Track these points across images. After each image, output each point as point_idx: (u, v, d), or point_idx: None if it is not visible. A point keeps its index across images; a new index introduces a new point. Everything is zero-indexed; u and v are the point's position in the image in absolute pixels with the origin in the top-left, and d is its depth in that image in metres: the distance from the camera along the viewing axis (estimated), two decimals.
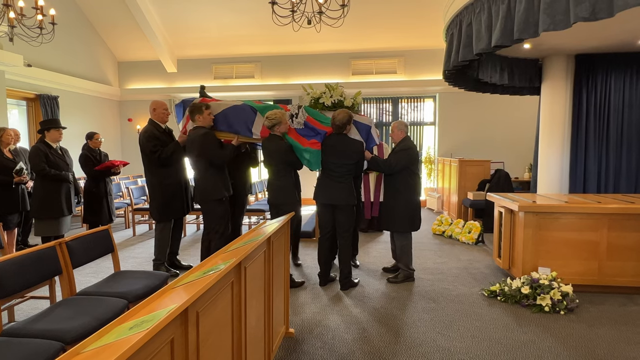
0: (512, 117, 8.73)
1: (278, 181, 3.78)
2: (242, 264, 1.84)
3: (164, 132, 4.17)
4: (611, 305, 3.39)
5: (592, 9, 2.71)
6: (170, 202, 4.13)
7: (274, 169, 3.78)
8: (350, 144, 3.71)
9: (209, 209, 3.84)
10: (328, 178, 3.75)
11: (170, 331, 1.18)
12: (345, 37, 8.36)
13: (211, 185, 3.78)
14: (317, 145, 3.70)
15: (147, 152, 4.01)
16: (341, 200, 3.72)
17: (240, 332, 1.83)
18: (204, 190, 3.80)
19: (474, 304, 3.46)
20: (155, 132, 4.07)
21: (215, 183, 3.79)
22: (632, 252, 3.57)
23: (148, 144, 4.00)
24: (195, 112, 3.77)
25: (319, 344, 2.77)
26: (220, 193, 3.81)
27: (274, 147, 3.71)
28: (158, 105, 4.18)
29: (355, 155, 3.69)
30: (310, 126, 3.83)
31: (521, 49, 5.03)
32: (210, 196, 3.79)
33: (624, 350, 2.66)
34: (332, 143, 3.70)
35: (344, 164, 3.68)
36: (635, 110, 5.38)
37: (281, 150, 3.70)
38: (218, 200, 3.81)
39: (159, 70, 9.62)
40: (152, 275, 2.92)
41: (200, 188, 3.81)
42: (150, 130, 4.07)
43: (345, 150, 3.68)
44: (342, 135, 3.73)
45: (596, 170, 5.51)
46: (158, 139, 4.04)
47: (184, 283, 1.55)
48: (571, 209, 3.63)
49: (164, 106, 4.20)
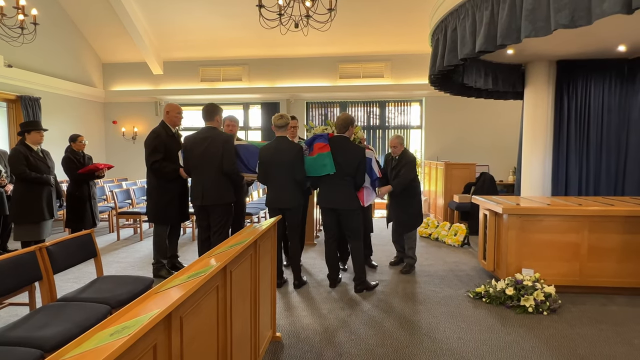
0: (497, 121, 8.89)
1: (288, 184, 3.76)
2: (227, 267, 1.82)
3: (172, 135, 4.10)
4: (592, 305, 3.47)
5: (571, 17, 2.79)
6: (168, 206, 4.03)
7: (277, 172, 3.74)
8: (351, 145, 3.79)
9: (221, 211, 3.79)
10: (330, 181, 3.77)
11: (153, 337, 1.16)
12: (333, 41, 8.40)
13: (224, 188, 3.77)
14: (326, 147, 3.74)
15: (147, 153, 3.95)
16: (344, 205, 3.75)
17: (225, 337, 1.82)
18: (218, 192, 3.74)
19: (459, 305, 3.49)
20: (163, 134, 4.01)
21: (227, 186, 3.79)
22: (612, 253, 3.66)
23: (150, 146, 3.94)
24: (215, 112, 3.81)
25: (306, 347, 2.76)
26: (232, 197, 3.83)
27: (285, 147, 3.74)
28: (172, 108, 4.11)
29: (355, 159, 3.72)
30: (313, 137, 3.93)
31: (505, 55, 5.13)
32: (224, 199, 3.77)
33: (603, 349, 2.72)
34: (334, 144, 3.76)
35: (345, 164, 3.70)
36: (614, 115, 5.54)
37: (293, 151, 3.71)
38: (229, 204, 3.82)
39: (144, 72, 9.51)
40: (136, 280, 2.87)
41: (213, 190, 3.74)
42: (157, 132, 4.00)
43: (347, 151, 3.73)
44: (344, 137, 3.81)
45: (577, 173, 5.65)
46: (164, 143, 3.97)
47: (168, 287, 1.53)
48: (553, 211, 3.70)
49: (178, 109, 4.14)
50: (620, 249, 3.64)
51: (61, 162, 4.85)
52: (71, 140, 4.94)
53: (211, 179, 3.74)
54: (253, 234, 2.26)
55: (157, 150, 3.94)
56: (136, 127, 9.94)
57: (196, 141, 3.80)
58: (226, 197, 3.80)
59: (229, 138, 3.82)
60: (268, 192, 3.91)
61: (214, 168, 3.73)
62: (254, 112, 10.12)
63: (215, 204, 3.76)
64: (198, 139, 3.79)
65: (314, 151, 3.78)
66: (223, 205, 3.80)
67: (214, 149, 3.71)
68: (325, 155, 3.70)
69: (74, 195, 4.79)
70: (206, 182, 3.75)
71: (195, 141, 3.80)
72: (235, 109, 10.23)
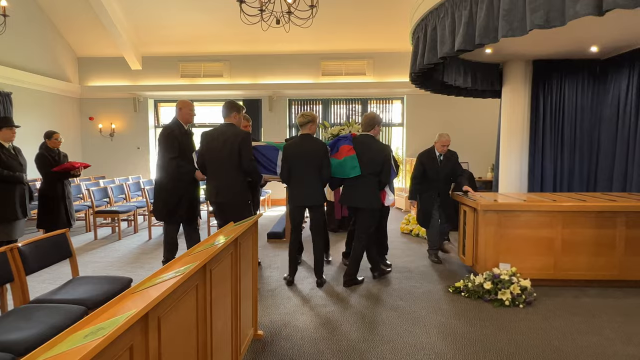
0: (476, 119, 9.06)
1: (312, 181, 3.76)
2: (207, 266, 1.80)
3: (185, 132, 3.99)
4: (565, 298, 3.59)
5: (546, 17, 2.86)
6: (178, 204, 3.90)
7: (303, 171, 3.73)
8: (376, 143, 3.84)
9: (239, 210, 3.69)
10: (354, 180, 3.78)
11: (129, 337, 1.14)
12: (315, 38, 8.38)
13: (240, 186, 3.70)
14: (352, 150, 3.79)
15: (162, 151, 3.85)
16: (367, 204, 3.78)
17: (205, 336, 1.80)
18: (233, 190, 3.67)
19: (439, 300, 3.56)
20: (176, 131, 3.90)
21: (243, 184, 3.73)
22: (584, 247, 3.79)
23: (164, 143, 3.83)
24: (234, 109, 3.74)
25: (288, 345, 2.76)
26: (248, 195, 3.78)
27: (311, 144, 3.73)
28: (185, 105, 4.00)
29: (380, 157, 3.76)
30: (336, 137, 3.98)
31: (483, 54, 5.23)
32: (239, 197, 3.70)
33: (576, 340, 2.82)
34: (359, 143, 3.81)
35: (371, 162, 3.74)
36: (587, 114, 5.73)
37: (320, 151, 3.73)
38: (246, 202, 3.77)
39: (122, 67, 9.27)
40: (114, 280, 2.80)
41: (228, 187, 3.66)
42: (171, 129, 3.90)
43: (372, 149, 3.77)
44: (369, 135, 3.86)
45: (552, 170, 5.82)
46: (178, 141, 3.85)
47: (146, 287, 1.50)
48: (529, 207, 3.81)
49: (191, 106, 4.04)
50: (592, 243, 3.78)
51: (35, 159, 4.68)
52: (46, 136, 4.77)
53: (227, 176, 3.66)
54: (234, 232, 2.24)
55: (172, 148, 3.83)
56: (114, 124, 9.69)
57: (213, 137, 3.71)
58: (242, 195, 3.71)
59: (247, 135, 3.74)
60: (291, 189, 3.86)
61: (231, 165, 3.64)
62: None
63: (230, 201, 3.68)
64: (215, 135, 3.72)
65: (341, 154, 3.83)
66: (240, 203, 3.71)
67: (231, 146, 3.62)
68: (353, 157, 3.76)
69: (47, 194, 4.64)
70: (221, 179, 3.67)
71: (212, 137, 3.72)
72: (217, 105, 10.09)
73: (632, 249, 3.75)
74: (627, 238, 3.74)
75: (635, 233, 3.74)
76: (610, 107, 5.49)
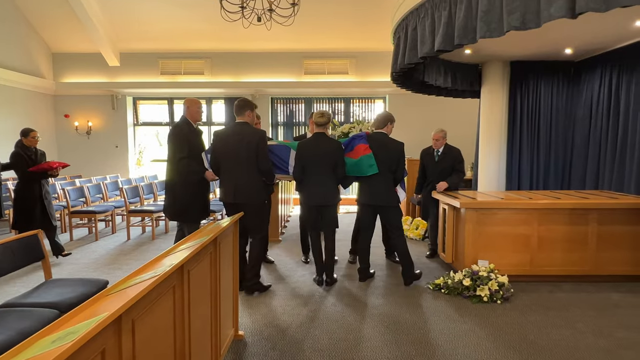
0: (457, 118, 9.19)
1: (327, 180, 3.76)
2: (184, 267, 1.77)
3: (194, 131, 3.91)
4: (541, 293, 3.69)
5: (522, 19, 2.93)
6: (190, 204, 3.82)
7: (318, 169, 3.73)
8: (391, 140, 3.88)
9: (257, 210, 3.65)
10: (370, 179, 3.80)
11: (101, 341, 1.11)
12: (297, 36, 8.35)
13: (257, 186, 3.64)
14: (369, 149, 3.80)
15: (172, 150, 3.78)
16: (385, 201, 3.83)
17: (183, 337, 1.77)
18: (251, 190, 3.60)
19: (420, 297, 3.60)
20: (186, 130, 3.83)
21: (260, 184, 3.67)
22: (559, 244, 3.90)
23: (174, 142, 3.76)
24: (247, 107, 3.65)
25: (269, 345, 2.74)
26: (265, 195, 3.74)
27: (325, 143, 3.75)
28: (192, 103, 3.93)
29: (396, 154, 3.82)
30: (351, 137, 3.99)
31: (463, 54, 5.32)
32: (257, 197, 3.64)
33: (550, 334, 2.90)
34: (374, 141, 3.85)
35: (386, 159, 3.78)
36: (561, 114, 5.90)
37: (336, 150, 3.75)
38: (263, 202, 3.72)
39: (99, 63, 9.02)
40: (89, 282, 2.73)
41: (246, 188, 3.58)
42: (180, 127, 3.83)
43: (387, 146, 3.82)
44: (383, 133, 3.92)
45: (529, 169, 5.97)
46: (188, 139, 3.78)
47: (120, 289, 1.47)
48: (506, 204, 3.89)
49: (198, 104, 3.96)
50: (566, 239, 3.89)
51: (9, 157, 4.50)
52: (22, 134, 4.56)
53: (244, 176, 3.58)
54: (213, 232, 2.21)
55: (182, 147, 3.76)
56: (90, 122, 9.44)
57: (227, 136, 3.63)
58: (260, 195, 3.66)
59: (264, 135, 3.69)
60: (305, 189, 3.83)
61: (248, 165, 3.57)
62: (217, 107, 9.90)
63: (249, 202, 3.60)
64: (229, 134, 3.63)
65: (357, 153, 3.82)
66: (258, 204, 3.66)
67: (248, 146, 3.54)
68: (369, 156, 3.78)
69: (22, 195, 4.47)
70: (238, 179, 3.58)
71: (226, 136, 3.63)
72: None
73: (604, 245, 3.88)
74: (599, 234, 3.87)
75: (607, 229, 3.87)
76: (583, 108, 5.67)
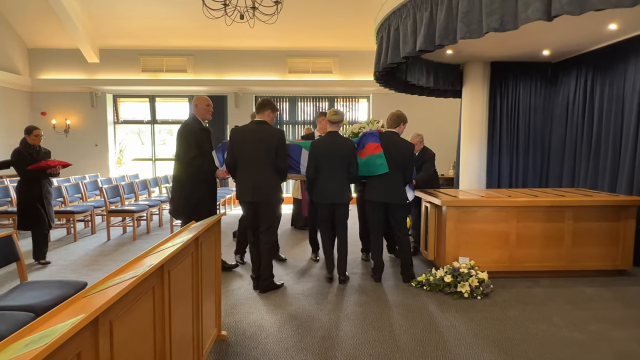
0: (439, 118, 9.33)
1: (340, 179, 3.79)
2: (165, 267, 1.75)
3: (204, 129, 3.89)
4: (519, 289, 3.78)
5: (500, 21, 2.99)
6: (199, 203, 3.81)
7: (332, 168, 3.75)
8: (402, 140, 3.92)
9: (274, 209, 3.65)
10: (380, 176, 3.81)
11: (77, 344, 1.09)
12: (282, 35, 8.32)
13: (277, 186, 3.64)
14: (379, 147, 3.80)
15: (183, 148, 3.75)
16: (396, 199, 3.86)
17: (163, 338, 1.75)
18: (270, 189, 3.59)
19: (402, 294, 3.65)
20: (196, 128, 3.81)
21: (278, 184, 3.66)
22: (537, 240, 4.01)
23: (186, 140, 3.74)
24: (269, 107, 3.65)
25: (253, 344, 2.74)
26: (282, 194, 3.73)
27: (339, 142, 3.77)
28: (201, 101, 3.92)
29: (406, 153, 3.86)
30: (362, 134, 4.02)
31: (445, 55, 5.39)
32: (278, 196, 3.65)
33: (528, 328, 2.99)
34: (386, 139, 3.87)
35: (397, 158, 3.81)
36: (539, 114, 6.05)
37: (349, 148, 3.79)
38: (280, 201, 3.70)
39: (78, 59, 8.80)
40: (67, 284, 2.66)
41: (265, 186, 3.56)
42: (191, 126, 3.81)
43: (398, 146, 3.84)
44: (394, 132, 3.94)
45: (508, 167, 6.11)
46: (198, 138, 3.77)
47: (98, 290, 1.44)
48: (486, 202, 3.98)
49: (207, 102, 3.94)
50: (544, 236, 4.00)
51: (11, 155, 4.40)
52: (26, 132, 4.46)
53: (262, 175, 3.56)
54: (194, 232, 2.19)
55: (193, 146, 3.74)
56: (69, 120, 9.20)
57: (246, 135, 3.60)
58: (278, 194, 3.67)
59: (283, 135, 3.69)
60: (317, 187, 3.84)
61: (268, 164, 3.55)
62: None
63: (267, 201, 3.59)
64: (248, 131, 3.61)
65: (367, 151, 3.83)
66: (276, 202, 3.66)
67: (267, 145, 3.53)
68: (380, 155, 3.78)
69: (23, 194, 4.36)
70: (258, 178, 3.55)
71: (245, 134, 3.61)
72: (181, 101, 9.82)
73: (579, 241, 4.00)
74: (574, 231, 3.99)
75: (582, 226, 3.99)
76: (560, 108, 5.83)
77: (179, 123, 9.88)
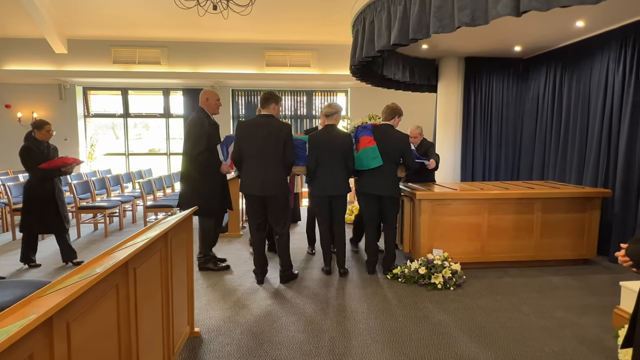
0: (416, 112, 9.38)
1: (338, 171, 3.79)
2: (130, 264, 1.70)
3: (213, 124, 3.82)
4: (490, 279, 3.89)
5: (472, 16, 3.03)
6: (211, 198, 3.79)
7: (330, 161, 3.74)
8: (396, 133, 3.88)
9: (282, 203, 3.65)
10: (375, 169, 3.80)
11: (28, 346, 1.04)
12: (258, 27, 8.19)
13: (285, 180, 3.62)
14: (373, 141, 3.79)
15: (191, 143, 3.68)
16: (390, 192, 3.85)
17: (129, 338, 1.70)
18: (279, 182, 3.56)
19: (378, 287, 3.69)
20: (206, 123, 3.73)
21: (285, 177, 3.64)
22: (507, 232, 4.12)
23: (195, 135, 3.69)
24: (273, 100, 3.66)
25: (226, 340, 2.71)
26: (288, 187, 3.71)
27: (336, 134, 3.77)
28: (211, 95, 3.87)
29: (400, 146, 3.84)
30: (356, 128, 4.01)
31: (420, 49, 5.44)
32: (285, 190, 3.62)
33: (498, 317, 3.07)
34: (380, 132, 3.85)
35: (391, 151, 3.80)
36: (512, 109, 6.20)
37: (346, 141, 3.79)
38: (287, 194, 3.68)
39: (44, 50, 8.41)
40: (30, 284, 2.55)
41: (274, 179, 3.53)
42: (201, 120, 3.73)
43: (392, 138, 3.82)
44: (389, 125, 3.91)
45: (482, 160, 6.24)
46: (207, 133, 3.71)
47: (55, 289, 1.39)
48: (459, 195, 4.05)
49: (217, 96, 3.90)
50: (514, 227, 4.11)
51: (19, 152, 4.00)
52: (36, 127, 4.06)
53: (270, 169, 3.54)
54: (162, 227, 2.14)
55: (202, 141, 3.68)
56: (36, 113, 8.82)
57: (253, 128, 3.55)
58: (286, 188, 3.66)
59: (290, 129, 3.66)
60: (317, 179, 3.82)
61: (276, 158, 3.54)
62: (175, 98, 9.57)
63: (275, 194, 3.58)
64: (256, 126, 3.56)
65: (361, 145, 3.83)
66: (284, 196, 3.65)
67: (276, 139, 3.51)
68: (374, 148, 3.77)
69: (34, 194, 4.04)
70: (266, 172, 3.53)
71: (252, 129, 3.56)
72: (155, 94, 9.58)
73: (547, 232, 4.14)
74: (543, 222, 4.12)
75: (550, 217, 4.13)
76: (530, 103, 5.99)
77: (153, 117, 9.68)
